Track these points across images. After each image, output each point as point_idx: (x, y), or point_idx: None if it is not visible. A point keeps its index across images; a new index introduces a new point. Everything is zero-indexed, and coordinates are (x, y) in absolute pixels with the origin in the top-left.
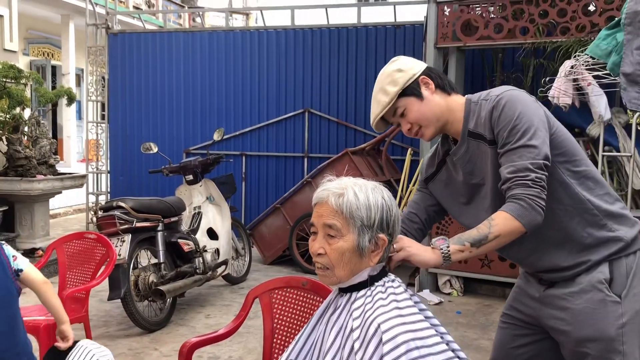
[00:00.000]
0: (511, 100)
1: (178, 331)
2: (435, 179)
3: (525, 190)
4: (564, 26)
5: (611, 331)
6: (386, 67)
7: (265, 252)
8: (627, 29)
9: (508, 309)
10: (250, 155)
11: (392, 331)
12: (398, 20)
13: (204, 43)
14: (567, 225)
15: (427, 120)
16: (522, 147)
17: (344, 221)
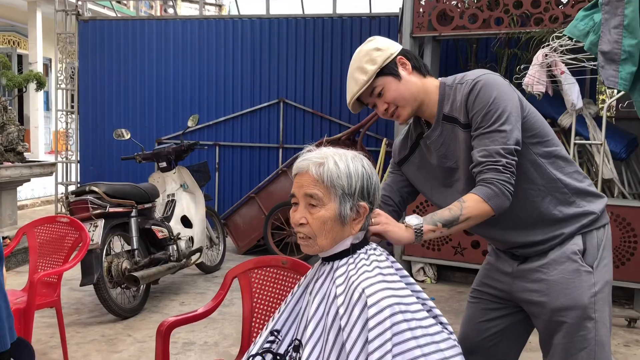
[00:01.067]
0: (487, 84)
1: (152, 318)
2: (409, 162)
3: (496, 175)
4: (537, 17)
5: (585, 299)
6: (363, 46)
7: (240, 242)
8: (604, 8)
9: (478, 284)
10: (224, 146)
11: (376, 295)
12: (373, 12)
13: (177, 32)
14: (539, 204)
15: (404, 100)
16: (494, 132)
17: (325, 190)
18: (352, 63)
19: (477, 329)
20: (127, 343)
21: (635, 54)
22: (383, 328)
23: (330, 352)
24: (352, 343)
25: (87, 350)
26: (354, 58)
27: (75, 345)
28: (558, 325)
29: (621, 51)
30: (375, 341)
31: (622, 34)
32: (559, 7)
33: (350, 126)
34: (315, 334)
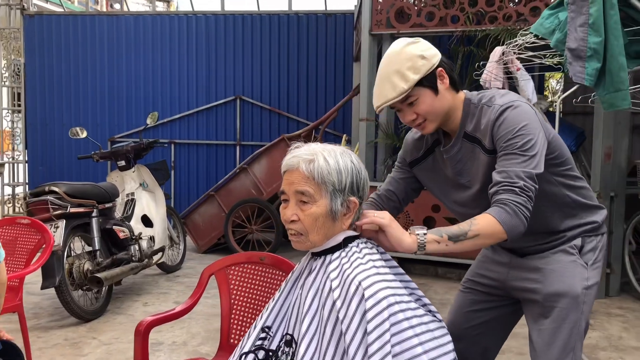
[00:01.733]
0: (516, 112)
1: (116, 320)
2: (421, 165)
3: (511, 197)
4: (492, 15)
5: (578, 289)
6: (406, 47)
7: (199, 241)
8: (570, 7)
9: (472, 275)
10: (179, 143)
11: (373, 287)
12: (329, 9)
13: (129, 27)
14: (548, 219)
15: (435, 115)
16: (518, 154)
17: (316, 187)
18: (389, 64)
19: (464, 318)
20: (93, 346)
21: (600, 51)
22: (381, 319)
23: (328, 344)
24: (351, 334)
25: (52, 355)
26: (391, 59)
27: (38, 351)
28: (549, 310)
29: (587, 48)
30: (374, 332)
31: (588, 32)
32: (512, 5)
33: (308, 123)
34: (312, 328)
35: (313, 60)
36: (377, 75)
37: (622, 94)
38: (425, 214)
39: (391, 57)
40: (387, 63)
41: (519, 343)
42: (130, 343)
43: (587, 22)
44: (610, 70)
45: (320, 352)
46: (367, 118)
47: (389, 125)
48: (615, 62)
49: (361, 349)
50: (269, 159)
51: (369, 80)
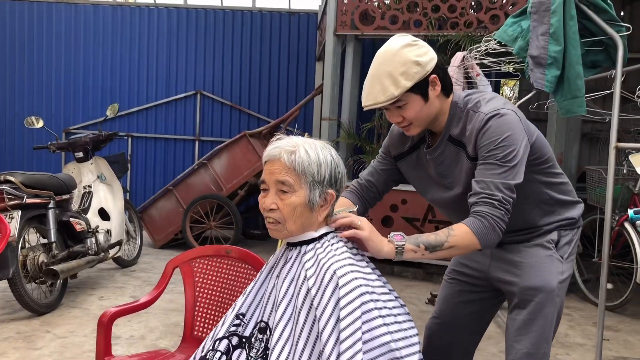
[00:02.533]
0: (500, 123)
1: (70, 313)
2: (405, 160)
3: (490, 210)
4: (453, 21)
5: (553, 283)
6: (402, 50)
7: (156, 236)
8: (533, 16)
9: (455, 265)
10: (137, 137)
11: (347, 276)
12: (292, 8)
13: (88, 17)
14: (527, 215)
15: (421, 121)
16: (498, 165)
17: (296, 177)
18: (382, 64)
19: (453, 308)
20: (47, 339)
21: (559, 60)
22: (353, 307)
23: (302, 330)
24: (325, 320)
25: (3, 349)
26: (387, 58)
27: None
28: (526, 302)
29: (547, 56)
30: (346, 319)
31: (549, 41)
32: (473, 13)
33: (269, 120)
34: (286, 315)
35: (275, 58)
36: (370, 71)
37: (579, 100)
38: (384, 213)
39: (386, 56)
40: (381, 62)
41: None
42: (86, 337)
43: (548, 32)
44: (568, 78)
45: (293, 338)
46: (330, 117)
47: (350, 125)
48: (573, 70)
49: (334, 334)
50: (229, 155)
51: (332, 80)
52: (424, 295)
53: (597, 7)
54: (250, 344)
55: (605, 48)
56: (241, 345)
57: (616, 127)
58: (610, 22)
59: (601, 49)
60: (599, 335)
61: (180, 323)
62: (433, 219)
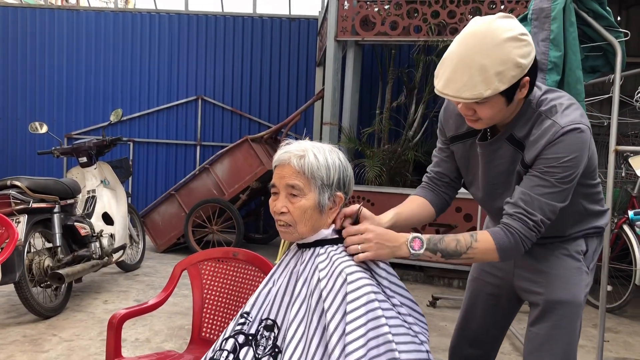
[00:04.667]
0: (572, 141)
1: (76, 317)
2: (457, 143)
3: (523, 229)
4: (453, 26)
5: (581, 297)
6: (508, 44)
7: (158, 240)
8: (533, 23)
9: (478, 273)
10: (139, 142)
11: (358, 282)
12: (293, 13)
13: (90, 23)
14: (558, 225)
15: (493, 120)
16: (553, 185)
17: (305, 181)
18: (483, 50)
19: (478, 320)
20: (54, 342)
21: (560, 65)
22: (360, 303)
23: (315, 331)
24: (334, 327)
25: (10, 352)
26: (487, 46)
27: None
28: (550, 316)
29: (548, 62)
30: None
31: (549, 46)
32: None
33: (270, 125)
34: (299, 315)
35: (276, 63)
36: (459, 49)
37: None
38: None
39: (486, 44)
40: (479, 49)
41: None
42: (92, 340)
43: (548, 38)
44: (568, 83)
45: (307, 338)
46: (331, 122)
47: (351, 130)
48: (573, 75)
49: (340, 343)
50: (231, 160)
51: (333, 85)
52: (426, 298)
53: (596, 13)
54: (256, 341)
55: (604, 53)
56: (248, 343)
57: (615, 130)
58: (609, 28)
59: (600, 54)
60: (600, 337)
61: (184, 326)
62: (434, 223)
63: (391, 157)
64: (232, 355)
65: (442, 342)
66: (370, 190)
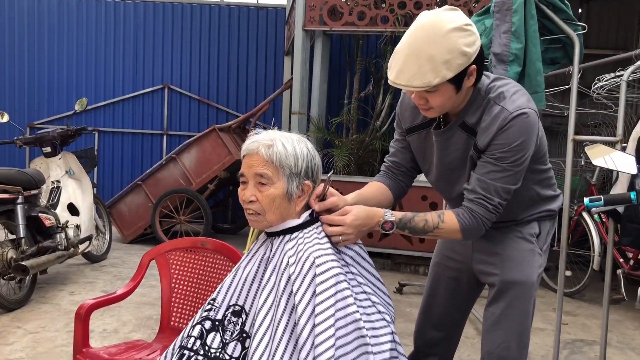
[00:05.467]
0: (521, 125)
1: (41, 309)
2: (414, 134)
3: (483, 212)
4: None
5: (534, 277)
6: (452, 34)
7: (125, 231)
8: (496, 15)
9: (440, 257)
10: (104, 132)
11: (326, 264)
12: (260, 2)
13: (52, 10)
14: (511, 210)
15: (446, 108)
16: (505, 169)
17: (274, 170)
18: (428, 42)
19: (442, 303)
20: (18, 335)
21: (521, 56)
22: (328, 284)
23: (282, 316)
24: (303, 306)
25: None
26: (433, 37)
27: None
28: (505, 296)
29: (509, 53)
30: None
31: (510, 38)
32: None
33: (237, 114)
34: (268, 301)
35: (244, 52)
36: (408, 42)
37: (539, 95)
38: None
39: (433, 35)
40: (426, 40)
41: None
42: (58, 332)
43: (510, 30)
44: (529, 74)
45: (275, 322)
46: (299, 112)
47: (320, 119)
48: (534, 66)
49: (310, 322)
50: (199, 149)
51: (302, 74)
52: (393, 285)
53: (555, 6)
54: (223, 326)
55: (563, 45)
56: (214, 329)
57: (574, 120)
58: (568, 21)
59: (559, 47)
60: (558, 320)
61: (152, 316)
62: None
63: (359, 147)
64: (199, 341)
65: (408, 328)
66: (338, 180)
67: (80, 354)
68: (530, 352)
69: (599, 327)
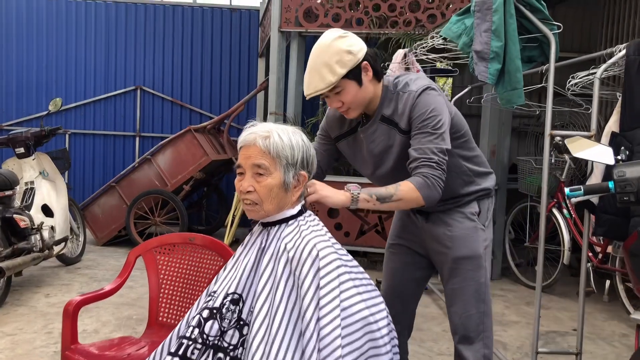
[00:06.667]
0: (427, 97)
1: (17, 311)
2: (343, 141)
3: (430, 171)
4: (393, 20)
5: (480, 250)
6: (334, 41)
7: (98, 233)
8: (476, 14)
9: (395, 239)
10: (75, 134)
11: (326, 250)
12: (233, 4)
13: (20, 9)
14: (451, 186)
15: (357, 104)
16: (430, 133)
17: (271, 160)
18: (319, 56)
19: (400, 278)
20: None
21: (500, 54)
22: (331, 277)
23: (280, 300)
24: (305, 288)
25: None
26: (322, 50)
27: None
28: (458, 271)
29: (490, 51)
30: (325, 287)
31: (491, 37)
32: (412, 12)
33: (211, 116)
34: (267, 287)
35: (217, 54)
36: (308, 65)
37: (518, 92)
38: None
39: (321, 49)
40: (317, 55)
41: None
42: (36, 333)
43: (490, 29)
44: (508, 71)
45: (272, 310)
46: (276, 112)
47: (296, 119)
48: (513, 64)
49: (314, 301)
50: (174, 150)
51: (278, 75)
52: None
53: (532, 6)
54: (221, 314)
55: (540, 44)
56: (212, 317)
57: (550, 116)
58: (544, 21)
59: (536, 45)
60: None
61: (132, 316)
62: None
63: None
64: (198, 329)
65: None
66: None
67: (70, 350)
68: (506, 344)
69: (571, 319)
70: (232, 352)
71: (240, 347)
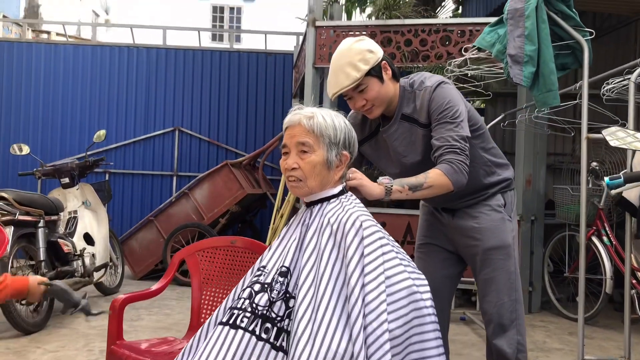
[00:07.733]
0: (443, 90)
1: (59, 332)
2: (366, 144)
3: (454, 157)
4: (425, 54)
5: (509, 240)
6: (353, 44)
7: (136, 267)
8: (509, 22)
9: (423, 239)
10: (114, 173)
11: (369, 222)
12: (269, 48)
13: (68, 56)
14: (475, 176)
15: (381, 101)
16: (450, 122)
17: (315, 139)
18: (341, 57)
19: (433, 277)
20: (38, 353)
21: (534, 58)
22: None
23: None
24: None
25: None
26: (343, 53)
27: None
28: (489, 261)
29: (524, 55)
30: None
31: (524, 41)
32: (443, 46)
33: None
34: (311, 259)
35: (253, 95)
36: (331, 68)
37: (553, 93)
38: None
39: (343, 52)
40: (340, 57)
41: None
42: (78, 350)
43: (523, 34)
44: (543, 74)
45: (317, 280)
46: None
47: None
48: (547, 67)
49: (358, 268)
50: (210, 184)
51: None
52: None
53: (564, 14)
54: (271, 287)
55: (573, 51)
56: (263, 289)
57: (586, 118)
58: (576, 28)
59: (569, 52)
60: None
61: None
62: (411, 240)
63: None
64: (248, 300)
65: None
66: None
67: (115, 345)
68: None
69: (617, 348)
70: (279, 323)
71: (286, 318)
